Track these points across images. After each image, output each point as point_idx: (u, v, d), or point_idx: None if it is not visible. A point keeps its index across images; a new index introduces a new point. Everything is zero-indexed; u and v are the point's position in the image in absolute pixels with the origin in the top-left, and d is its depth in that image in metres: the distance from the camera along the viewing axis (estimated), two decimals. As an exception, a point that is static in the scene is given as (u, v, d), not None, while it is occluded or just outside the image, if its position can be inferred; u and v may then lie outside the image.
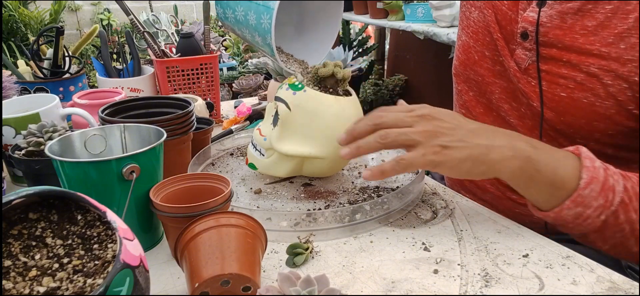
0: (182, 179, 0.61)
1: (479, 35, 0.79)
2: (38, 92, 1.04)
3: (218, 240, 0.49)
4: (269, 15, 0.74)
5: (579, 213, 0.56)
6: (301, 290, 0.42)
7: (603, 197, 0.55)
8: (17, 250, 0.40)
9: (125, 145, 0.66)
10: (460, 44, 0.84)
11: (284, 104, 0.70)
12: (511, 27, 0.74)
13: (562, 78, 0.68)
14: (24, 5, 3.84)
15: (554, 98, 0.69)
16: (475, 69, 0.81)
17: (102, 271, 0.39)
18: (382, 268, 0.56)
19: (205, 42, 1.20)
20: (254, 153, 0.76)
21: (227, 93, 2.96)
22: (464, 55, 0.83)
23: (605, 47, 0.64)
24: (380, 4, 2.33)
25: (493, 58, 0.77)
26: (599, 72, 0.65)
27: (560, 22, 0.68)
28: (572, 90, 0.67)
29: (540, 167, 0.56)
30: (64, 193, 0.41)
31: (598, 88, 0.65)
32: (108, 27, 4.53)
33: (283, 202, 0.71)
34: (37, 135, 0.74)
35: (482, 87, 0.80)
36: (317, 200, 0.71)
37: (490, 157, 0.56)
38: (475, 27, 0.80)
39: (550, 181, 0.56)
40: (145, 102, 0.80)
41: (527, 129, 0.75)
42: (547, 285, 0.53)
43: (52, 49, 1.09)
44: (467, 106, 0.85)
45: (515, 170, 0.57)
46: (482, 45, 0.78)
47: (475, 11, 0.80)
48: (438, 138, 0.58)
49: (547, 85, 0.69)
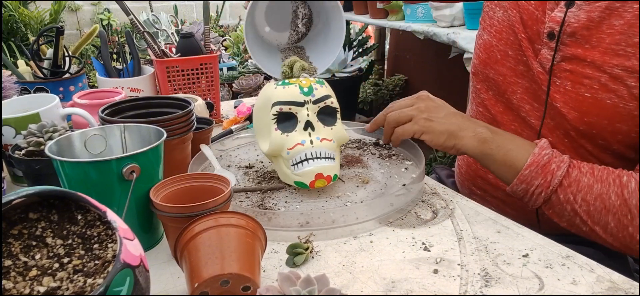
0: (182, 179, 0.61)
1: (502, 34, 0.80)
2: (38, 92, 1.04)
3: (218, 240, 0.49)
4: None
5: (525, 189, 0.69)
6: (301, 290, 0.42)
7: (542, 177, 0.67)
8: (17, 250, 0.40)
9: (125, 145, 0.66)
10: (482, 43, 0.85)
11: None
12: (537, 26, 0.74)
13: (586, 79, 0.69)
14: (24, 5, 3.84)
15: (578, 98, 0.70)
16: (497, 68, 0.81)
17: (102, 271, 0.40)
18: (382, 268, 0.56)
19: (205, 42, 1.20)
20: (329, 164, 0.70)
21: (227, 93, 2.95)
22: (485, 54, 0.83)
23: (631, 47, 0.65)
24: (380, 4, 2.33)
25: (516, 58, 0.78)
26: (623, 73, 0.65)
27: (587, 22, 0.68)
28: (596, 90, 0.68)
29: (493, 148, 0.71)
30: (64, 193, 0.41)
31: (622, 90, 0.66)
32: (108, 27, 4.53)
33: (283, 201, 0.71)
34: (37, 135, 0.74)
35: (502, 86, 0.81)
36: (318, 200, 0.71)
37: (458, 134, 0.73)
38: (499, 26, 0.81)
39: (502, 161, 0.71)
40: (145, 102, 0.80)
41: (549, 130, 0.75)
42: (547, 285, 0.53)
43: (52, 49, 1.09)
44: (486, 105, 0.86)
45: (474, 147, 0.72)
46: (505, 45, 0.79)
47: (500, 11, 0.81)
48: (426, 113, 0.75)
49: (571, 86, 0.70)
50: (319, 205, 0.69)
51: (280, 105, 0.70)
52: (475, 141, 0.72)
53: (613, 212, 0.63)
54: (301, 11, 0.85)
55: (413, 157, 0.84)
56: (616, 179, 0.64)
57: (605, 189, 0.64)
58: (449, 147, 0.73)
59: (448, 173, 1.04)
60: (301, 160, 0.69)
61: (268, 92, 0.73)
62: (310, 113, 0.71)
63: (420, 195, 0.74)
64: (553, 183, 0.66)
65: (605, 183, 0.64)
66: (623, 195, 0.63)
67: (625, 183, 0.63)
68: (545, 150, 0.68)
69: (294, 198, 0.71)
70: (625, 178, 0.64)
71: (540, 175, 0.67)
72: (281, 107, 0.70)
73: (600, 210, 0.64)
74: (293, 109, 0.70)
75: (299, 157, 0.69)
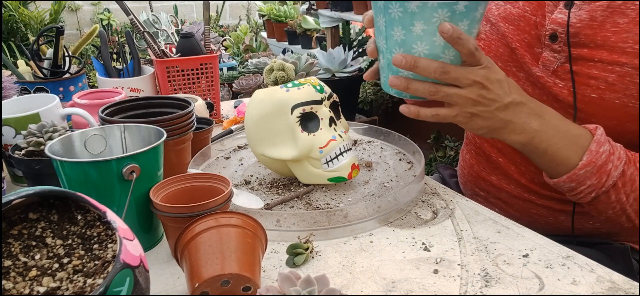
0: (182, 179, 0.61)
1: (491, 47, 0.80)
2: (38, 92, 1.04)
3: (218, 240, 0.49)
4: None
5: (573, 187, 0.66)
6: (301, 290, 0.42)
7: (597, 178, 0.64)
8: (17, 250, 0.40)
9: (125, 145, 0.66)
10: None
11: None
12: (536, 31, 0.74)
13: (592, 79, 0.68)
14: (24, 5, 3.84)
15: (585, 99, 0.69)
16: None
17: (102, 271, 0.39)
18: (382, 268, 0.56)
19: (205, 42, 1.20)
20: (355, 153, 0.74)
21: (227, 93, 2.95)
22: None
23: (638, 44, 0.64)
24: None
25: (507, 68, 0.77)
26: (632, 71, 0.65)
27: (590, 21, 0.68)
28: (603, 91, 0.67)
29: (543, 145, 0.65)
30: (64, 193, 0.41)
31: (631, 89, 0.65)
32: (108, 27, 4.53)
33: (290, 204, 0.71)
34: (37, 135, 0.73)
35: None
36: (318, 200, 0.71)
37: (502, 130, 0.65)
38: (487, 39, 0.81)
39: (551, 158, 0.66)
40: (145, 102, 0.80)
41: None
42: (547, 285, 0.53)
43: (52, 49, 1.09)
44: None
45: (519, 144, 0.66)
46: (494, 57, 0.79)
47: (487, 25, 0.81)
48: (474, 107, 0.64)
49: (577, 87, 0.69)
50: (320, 205, 0.69)
51: (302, 107, 0.70)
52: (522, 138, 0.65)
53: None
54: None
55: (413, 156, 0.84)
56: None
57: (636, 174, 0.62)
58: (489, 137, 0.72)
59: (451, 173, 1.04)
60: (336, 156, 0.71)
61: (279, 97, 0.71)
62: (328, 109, 0.73)
63: (420, 195, 0.74)
64: (607, 185, 0.64)
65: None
66: None
67: None
68: (603, 145, 0.64)
69: (295, 198, 0.71)
70: None
71: (595, 175, 0.64)
72: (304, 108, 0.70)
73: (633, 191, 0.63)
74: (314, 108, 0.71)
75: (334, 152, 0.71)
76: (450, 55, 0.61)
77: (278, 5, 3.78)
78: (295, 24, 3.46)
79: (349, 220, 0.63)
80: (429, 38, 0.59)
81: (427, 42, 0.60)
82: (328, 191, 0.73)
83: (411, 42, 0.60)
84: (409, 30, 0.59)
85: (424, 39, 0.59)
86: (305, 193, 0.72)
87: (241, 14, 5.21)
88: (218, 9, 4.72)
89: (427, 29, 0.59)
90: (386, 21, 0.61)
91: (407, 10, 0.58)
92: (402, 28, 0.60)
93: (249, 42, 3.96)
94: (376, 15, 0.64)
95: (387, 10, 0.60)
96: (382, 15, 0.61)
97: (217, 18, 4.68)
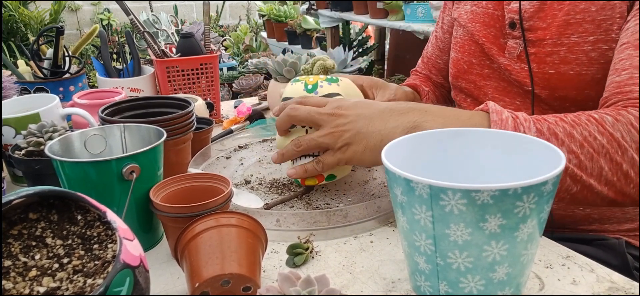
0: (182, 179, 0.61)
1: (464, 48, 0.87)
2: (38, 92, 1.04)
3: (218, 240, 0.49)
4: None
5: None
6: (301, 290, 0.42)
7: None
8: (17, 250, 0.40)
9: (125, 145, 0.66)
10: (451, 60, 0.92)
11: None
12: (500, 23, 0.80)
13: (548, 57, 0.73)
14: (24, 5, 3.84)
15: (544, 76, 0.74)
16: (466, 77, 0.88)
17: (102, 271, 0.39)
18: (382, 268, 0.56)
19: (205, 42, 1.20)
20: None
21: (227, 93, 2.95)
22: (455, 69, 0.90)
23: (580, 13, 0.70)
24: (380, 4, 2.32)
25: (480, 63, 0.84)
26: (578, 40, 0.70)
27: (540, 6, 0.74)
28: (558, 65, 0.72)
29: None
30: (64, 193, 0.41)
31: (581, 57, 0.70)
32: (108, 27, 4.54)
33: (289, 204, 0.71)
34: (37, 135, 0.73)
35: (474, 92, 0.87)
36: (318, 200, 0.71)
37: (383, 143, 0.53)
38: (461, 41, 0.88)
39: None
40: (145, 102, 0.80)
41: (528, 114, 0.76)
42: (547, 285, 0.53)
43: (52, 49, 1.09)
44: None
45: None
46: (469, 55, 0.86)
47: (460, 29, 0.89)
48: (341, 137, 0.63)
49: (536, 67, 0.75)
50: (320, 205, 0.69)
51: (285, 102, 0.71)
52: (402, 131, 0.61)
53: (603, 152, 0.57)
54: None
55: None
56: (590, 118, 0.59)
57: (586, 132, 0.58)
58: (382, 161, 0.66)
59: None
60: (299, 157, 0.70)
61: (283, 88, 0.76)
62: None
63: (421, 195, 0.74)
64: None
65: (583, 126, 0.58)
66: (606, 130, 0.58)
67: (601, 119, 0.58)
68: (503, 112, 0.59)
69: (295, 198, 0.71)
70: (597, 115, 0.59)
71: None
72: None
73: (590, 155, 0.57)
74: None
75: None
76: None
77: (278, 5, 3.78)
78: (295, 24, 3.46)
79: (349, 220, 0.63)
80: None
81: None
82: (328, 191, 0.73)
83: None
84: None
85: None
86: (305, 193, 0.72)
87: (241, 14, 5.21)
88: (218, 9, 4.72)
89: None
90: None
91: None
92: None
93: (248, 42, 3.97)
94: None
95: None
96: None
97: (217, 18, 4.69)
